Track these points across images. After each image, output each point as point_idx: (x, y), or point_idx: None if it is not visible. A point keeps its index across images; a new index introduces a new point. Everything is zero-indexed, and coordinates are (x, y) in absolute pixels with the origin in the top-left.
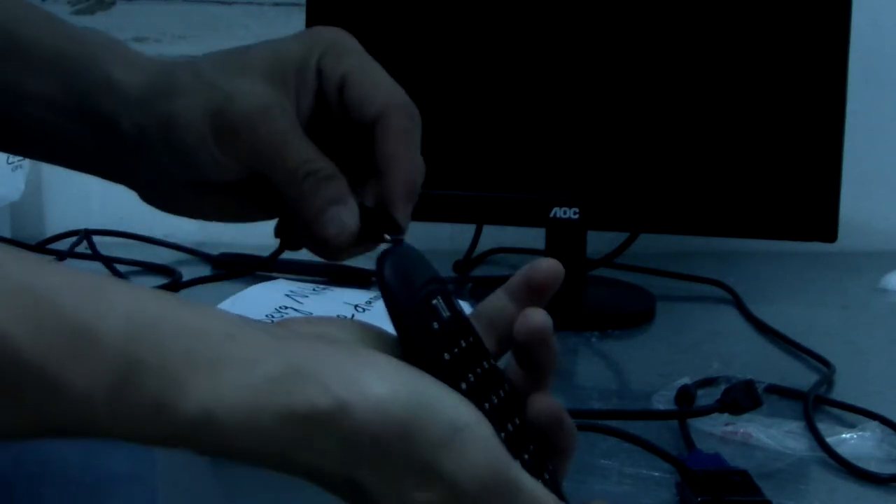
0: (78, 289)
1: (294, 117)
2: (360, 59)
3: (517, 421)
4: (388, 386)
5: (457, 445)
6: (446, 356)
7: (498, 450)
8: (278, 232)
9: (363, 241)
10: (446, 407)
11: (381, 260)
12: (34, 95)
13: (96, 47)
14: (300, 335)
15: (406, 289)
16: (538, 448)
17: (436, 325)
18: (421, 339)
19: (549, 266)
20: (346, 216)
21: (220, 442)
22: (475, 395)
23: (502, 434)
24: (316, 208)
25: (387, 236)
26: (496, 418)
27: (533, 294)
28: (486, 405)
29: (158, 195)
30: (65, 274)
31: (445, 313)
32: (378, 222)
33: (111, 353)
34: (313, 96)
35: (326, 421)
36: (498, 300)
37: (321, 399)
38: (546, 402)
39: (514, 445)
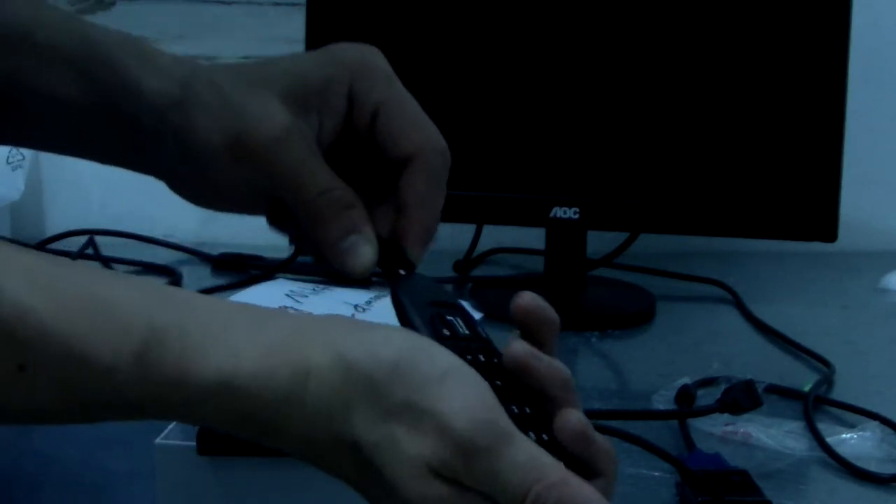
0: (87, 268)
1: (313, 142)
2: (395, 87)
3: (545, 437)
4: (382, 335)
5: (447, 384)
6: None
7: (488, 395)
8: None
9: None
10: (437, 353)
11: (397, 281)
12: (53, 95)
13: (118, 49)
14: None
15: (418, 303)
16: (571, 468)
17: (446, 331)
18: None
19: (529, 297)
20: (364, 248)
21: (235, 405)
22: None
23: None
24: (334, 237)
25: (401, 271)
26: (522, 430)
27: (524, 321)
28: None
29: (182, 187)
30: (66, 259)
31: (463, 330)
32: (391, 255)
33: (132, 321)
34: (340, 121)
35: (326, 373)
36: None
37: (325, 353)
38: (572, 418)
39: None
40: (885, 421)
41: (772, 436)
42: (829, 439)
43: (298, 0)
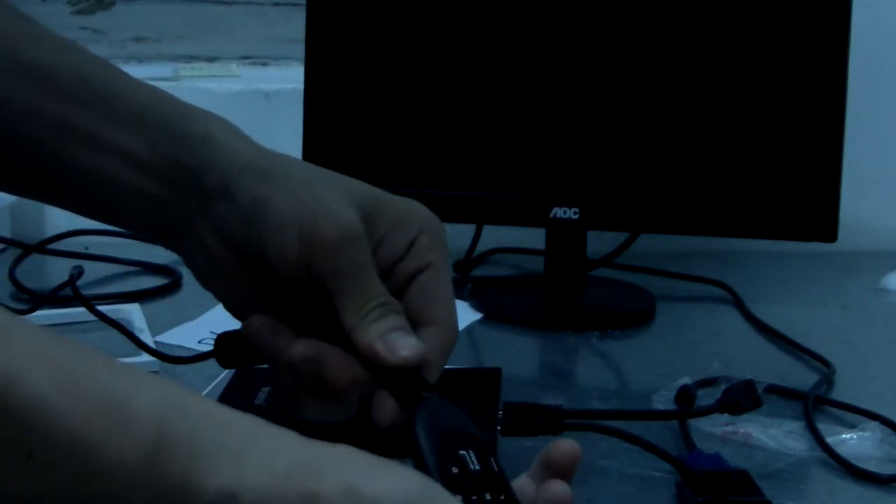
0: (109, 365)
1: (371, 254)
2: (446, 257)
3: None
4: (397, 476)
5: None
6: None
7: None
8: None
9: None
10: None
11: (417, 407)
12: (115, 147)
13: (182, 105)
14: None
15: (432, 436)
16: None
17: (455, 469)
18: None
19: (568, 447)
20: (408, 340)
21: None
22: None
23: None
24: (377, 332)
25: (424, 394)
26: None
27: (553, 473)
28: None
29: (204, 263)
30: (92, 350)
31: (473, 466)
32: (410, 379)
33: (145, 427)
34: (392, 261)
35: (334, 502)
36: (520, 482)
37: (336, 483)
38: None
39: None
40: (885, 421)
41: (772, 436)
42: (829, 439)
43: (298, 0)
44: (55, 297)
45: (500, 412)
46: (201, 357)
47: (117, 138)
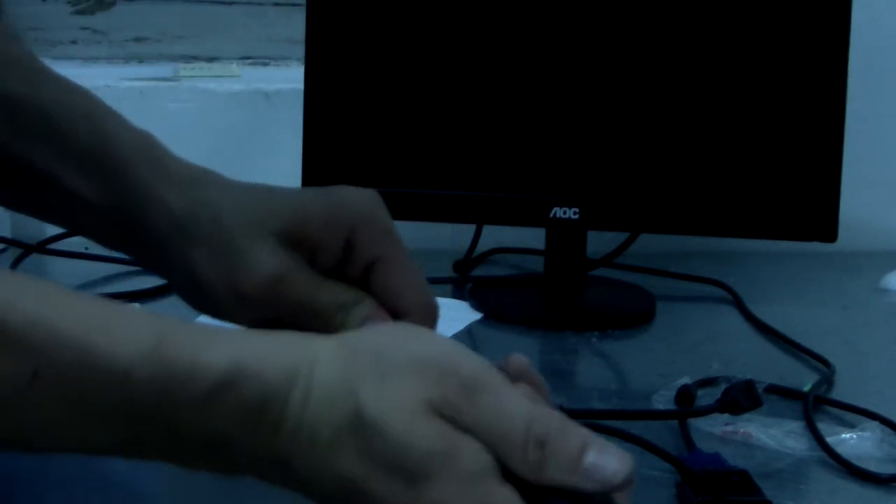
0: (86, 294)
1: (311, 273)
2: (394, 243)
3: None
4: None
5: (448, 343)
6: None
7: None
8: None
9: None
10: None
11: None
12: (68, 189)
13: (131, 150)
14: None
15: None
16: None
17: None
18: None
19: (515, 359)
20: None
21: (244, 393)
22: None
23: None
24: (354, 327)
25: None
26: None
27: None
28: None
29: (185, 293)
30: (63, 287)
31: None
32: None
33: (143, 327)
34: (333, 263)
35: (331, 355)
36: None
37: (331, 342)
38: None
39: None
40: (885, 421)
41: (772, 436)
42: (829, 439)
43: (298, 0)
44: None
45: None
46: None
47: (71, 182)
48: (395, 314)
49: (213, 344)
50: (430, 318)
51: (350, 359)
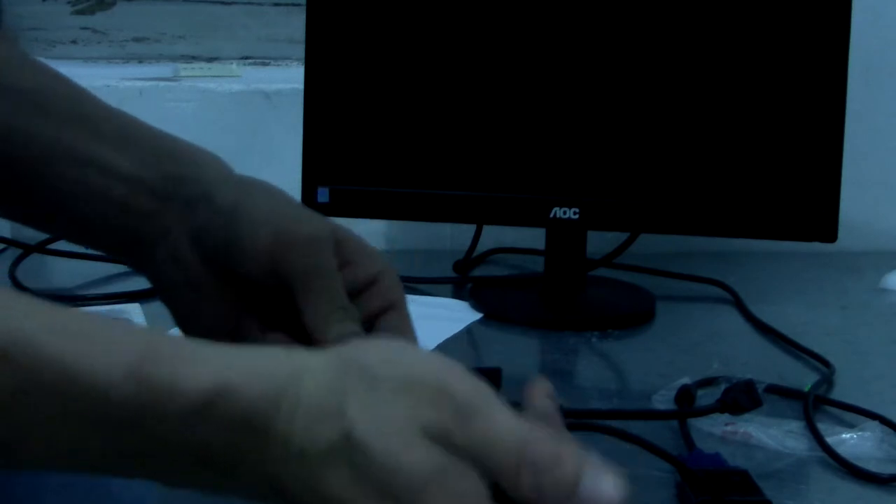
0: (75, 310)
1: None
2: (405, 303)
3: None
4: (373, 343)
5: (439, 363)
6: None
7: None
8: None
9: None
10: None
11: None
12: (102, 162)
13: (162, 131)
14: None
15: None
16: None
17: None
18: None
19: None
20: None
21: (229, 409)
22: None
23: None
24: (337, 334)
25: None
26: None
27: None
28: None
29: (171, 274)
30: (51, 303)
31: None
32: None
33: (126, 339)
34: (351, 281)
35: (321, 370)
36: None
37: (321, 356)
38: None
39: None
40: (885, 421)
41: (772, 436)
42: (829, 439)
43: (298, 0)
44: (55, 298)
45: None
46: None
47: (105, 155)
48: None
49: (197, 361)
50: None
51: (338, 374)
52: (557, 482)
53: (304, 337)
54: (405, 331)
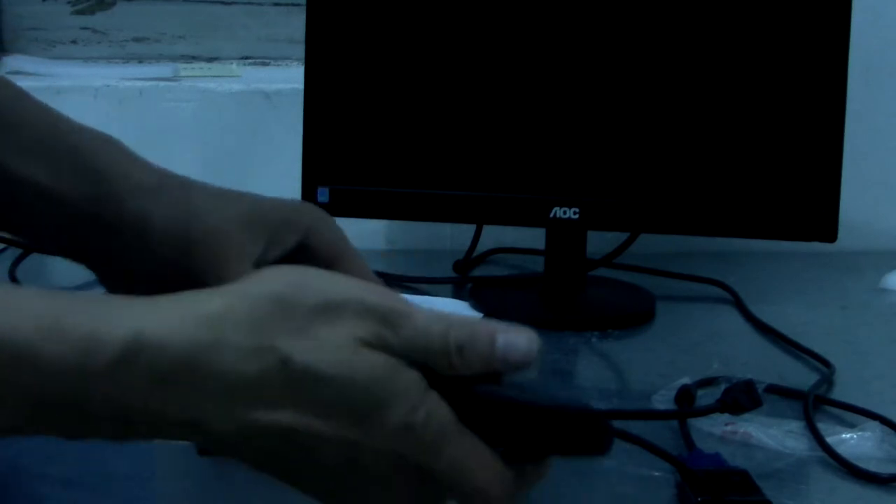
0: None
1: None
2: (349, 245)
3: None
4: (273, 271)
5: (349, 282)
6: None
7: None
8: None
9: None
10: (326, 273)
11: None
12: (22, 178)
13: (78, 130)
14: None
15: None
16: None
17: None
18: None
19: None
20: None
21: (153, 359)
22: None
23: None
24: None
25: None
26: None
27: None
28: None
29: (112, 272)
30: None
31: None
32: None
33: (42, 301)
34: (280, 254)
35: (238, 310)
36: None
37: (230, 296)
38: None
39: None
40: (885, 421)
41: (772, 436)
42: (829, 439)
43: (298, 0)
44: None
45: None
46: None
47: (24, 169)
48: None
49: (113, 314)
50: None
51: (252, 311)
52: (480, 352)
53: None
54: (367, 274)
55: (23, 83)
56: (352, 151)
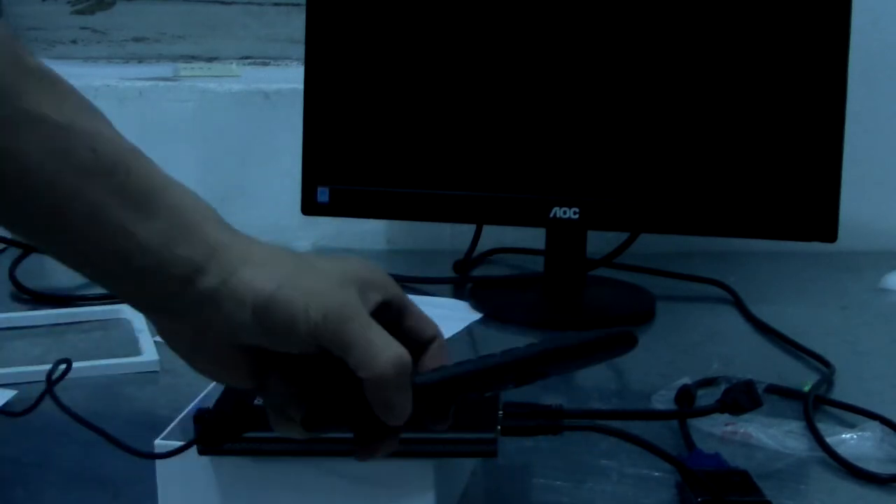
0: None
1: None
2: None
3: None
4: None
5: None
6: None
7: None
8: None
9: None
10: None
11: None
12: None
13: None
14: None
15: None
16: None
17: None
18: None
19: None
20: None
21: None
22: None
23: None
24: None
25: None
26: None
27: None
28: None
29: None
30: None
31: None
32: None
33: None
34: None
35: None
36: None
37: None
38: None
39: None
40: (885, 421)
41: (772, 436)
42: (829, 439)
43: (298, 0)
44: (55, 297)
45: (501, 412)
46: None
47: (131, 221)
48: (428, 342)
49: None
50: (443, 339)
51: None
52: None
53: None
54: (427, 321)
55: None
56: (352, 151)
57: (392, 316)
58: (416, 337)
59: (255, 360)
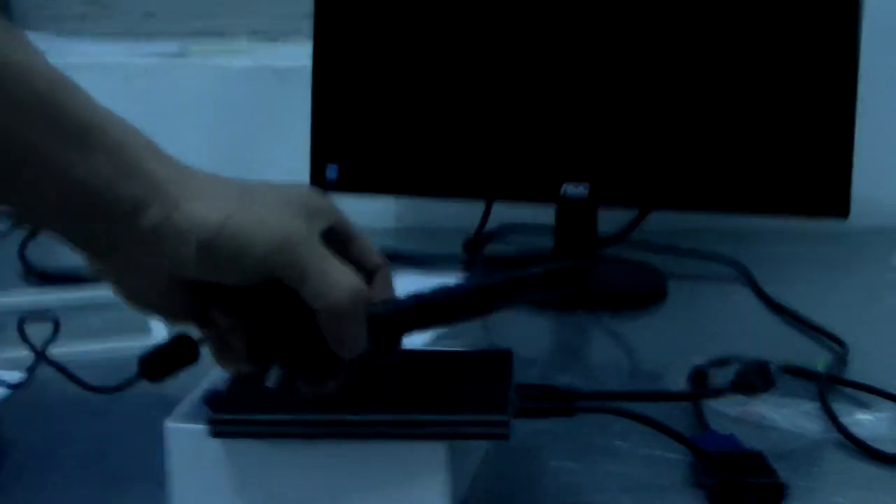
0: None
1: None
2: (352, 226)
3: None
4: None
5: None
6: None
7: None
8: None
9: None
10: None
11: None
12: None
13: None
14: None
15: None
16: None
17: None
18: None
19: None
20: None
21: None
22: None
23: None
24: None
25: None
26: None
27: None
28: None
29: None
30: None
31: None
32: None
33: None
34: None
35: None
36: None
37: None
38: None
39: None
40: None
41: (786, 416)
42: (843, 420)
43: None
44: (66, 277)
45: (513, 394)
46: None
47: (68, 159)
48: (374, 270)
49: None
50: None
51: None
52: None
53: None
54: (372, 252)
55: None
56: (360, 128)
57: (337, 244)
58: (361, 266)
59: (197, 294)
